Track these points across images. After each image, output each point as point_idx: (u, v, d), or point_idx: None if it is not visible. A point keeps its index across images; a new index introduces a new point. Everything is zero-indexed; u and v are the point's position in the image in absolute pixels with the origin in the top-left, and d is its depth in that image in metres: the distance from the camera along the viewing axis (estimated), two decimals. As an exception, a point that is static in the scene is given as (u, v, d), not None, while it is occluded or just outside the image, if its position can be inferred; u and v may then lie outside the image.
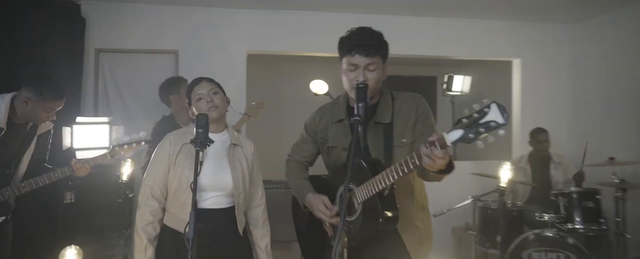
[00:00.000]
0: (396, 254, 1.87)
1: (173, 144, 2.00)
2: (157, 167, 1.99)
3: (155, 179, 1.97)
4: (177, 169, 1.95)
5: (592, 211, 3.48)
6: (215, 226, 1.92)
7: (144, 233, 1.93)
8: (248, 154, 2.08)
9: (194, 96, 2.01)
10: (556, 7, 4.27)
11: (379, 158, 1.83)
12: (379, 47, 1.87)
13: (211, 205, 1.95)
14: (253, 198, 2.11)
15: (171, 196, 1.98)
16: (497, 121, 1.35)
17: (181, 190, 1.93)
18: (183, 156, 1.96)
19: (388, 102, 1.92)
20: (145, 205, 1.96)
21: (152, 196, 1.96)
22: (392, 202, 1.74)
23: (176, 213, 1.96)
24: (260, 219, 2.13)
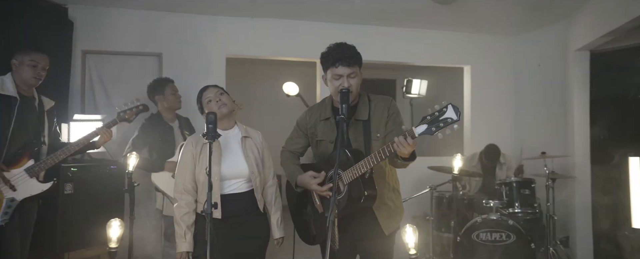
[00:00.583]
0: (371, 227, 2.28)
1: (195, 145, 2.36)
2: (185, 166, 2.34)
3: (185, 176, 2.31)
4: (202, 165, 2.30)
5: (528, 198, 4.06)
6: (240, 207, 2.31)
7: (182, 221, 2.26)
8: (257, 143, 2.45)
9: (204, 100, 2.36)
10: (500, 21, 4.87)
11: (359, 149, 2.25)
12: (356, 58, 2.27)
13: (234, 190, 2.32)
14: (266, 179, 2.47)
15: (200, 188, 2.32)
16: (453, 118, 1.84)
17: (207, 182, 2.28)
18: (204, 154, 2.31)
19: (365, 103, 2.34)
20: (180, 199, 2.31)
21: (185, 191, 2.30)
22: (371, 183, 2.17)
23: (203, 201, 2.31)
24: (273, 196, 2.49)
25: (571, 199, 4.43)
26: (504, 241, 3.72)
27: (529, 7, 4.35)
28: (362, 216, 2.27)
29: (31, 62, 2.61)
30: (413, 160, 2.10)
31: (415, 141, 1.90)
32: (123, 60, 4.37)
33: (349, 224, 2.26)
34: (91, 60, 4.27)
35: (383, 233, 2.29)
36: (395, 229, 2.37)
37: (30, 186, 2.60)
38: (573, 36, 4.47)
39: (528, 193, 4.06)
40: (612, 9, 3.74)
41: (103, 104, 4.26)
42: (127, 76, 4.34)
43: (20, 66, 2.60)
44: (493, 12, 4.50)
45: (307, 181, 2.26)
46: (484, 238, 3.76)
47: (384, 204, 2.32)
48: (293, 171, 2.39)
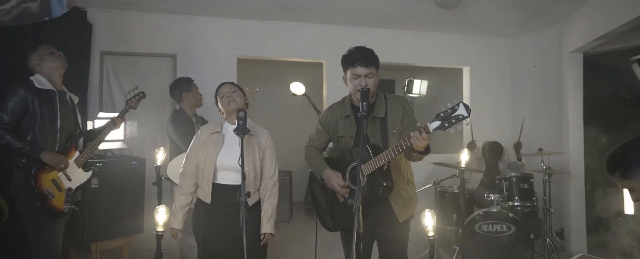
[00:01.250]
0: (387, 215, 2.48)
1: (204, 134, 2.55)
2: (192, 152, 2.54)
3: (190, 161, 2.51)
4: (203, 153, 2.48)
5: (526, 192, 4.29)
6: (228, 197, 2.38)
7: (177, 201, 2.47)
8: (262, 141, 2.57)
9: (219, 96, 2.54)
10: (498, 24, 5.11)
11: (377, 144, 2.46)
12: (373, 60, 2.46)
13: (227, 181, 2.45)
14: (264, 175, 2.58)
15: (199, 174, 2.50)
16: (464, 115, 2.04)
17: (206, 168, 2.46)
18: (208, 143, 2.50)
19: (382, 102, 2.54)
20: (181, 181, 2.52)
21: (185, 175, 2.51)
22: (389, 175, 2.38)
23: (202, 186, 2.50)
24: (266, 193, 2.56)
25: (566, 193, 4.67)
26: (505, 232, 3.94)
27: (526, 11, 4.58)
28: (379, 205, 2.47)
29: (48, 51, 2.76)
30: (427, 153, 2.30)
31: (429, 136, 2.10)
32: (139, 61, 4.55)
33: (367, 213, 2.45)
34: (108, 61, 4.43)
35: (398, 221, 2.48)
36: (409, 218, 2.57)
37: (78, 175, 2.82)
38: (567, 39, 4.71)
39: (527, 187, 4.29)
40: (604, 14, 3.98)
41: (119, 101, 4.42)
42: (143, 75, 4.51)
43: (41, 61, 2.74)
44: (491, 15, 4.72)
45: (331, 178, 2.45)
46: (485, 230, 3.99)
47: (399, 194, 2.52)
48: (318, 165, 2.58)
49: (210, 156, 2.43)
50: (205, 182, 2.47)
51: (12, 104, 2.54)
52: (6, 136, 2.50)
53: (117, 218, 3.58)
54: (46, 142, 2.65)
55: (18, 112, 2.56)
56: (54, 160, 2.64)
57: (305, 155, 2.71)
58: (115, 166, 3.62)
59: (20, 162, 2.60)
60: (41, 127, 2.63)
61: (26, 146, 2.55)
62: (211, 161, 2.43)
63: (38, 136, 2.63)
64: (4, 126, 2.51)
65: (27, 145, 2.56)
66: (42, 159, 2.59)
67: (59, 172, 2.71)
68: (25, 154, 2.57)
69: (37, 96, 2.63)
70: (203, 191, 2.49)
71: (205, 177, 2.47)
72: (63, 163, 2.68)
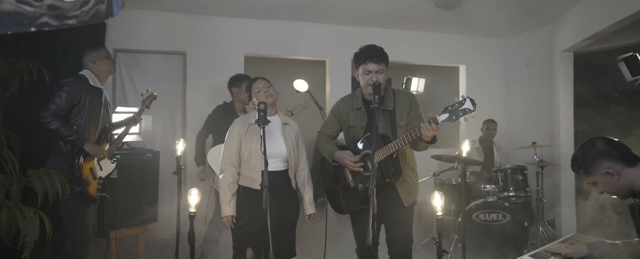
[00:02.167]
0: (393, 199, 2.69)
1: (242, 125, 2.75)
2: (232, 143, 2.72)
3: (232, 152, 2.70)
4: (247, 143, 2.69)
5: (520, 183, 4.53)
6: (276, 182, 2.66)
7: (228, 190, 2.64)
8: (294, 131, 2.84)
9: (254, 90, 2.75)
10: (493, 25, 5.34)
11: (386, 134, 2.67)
12: (384, 57, 2.68)
13: (273, 168, 2.67)
14: (299, 162, 2.85)
15: (244, 162, 2.70)
16: (470, 108, 2.26)
17: (251, 157, 2.66)
18: (250, 133, 2.70)
19: (391, 96, 2.75)
20: (226, 171, 2.69)
21: (231, 164, 2.69)
22: (397, 162, 2.60)
23: (248, 174, 2.69)
24: (305, 178, 2.86)
25: (558, 184, 4.93)
26: (500, 220, 4.18)
27: (519, 12, 4.82)
28: (386, 191, 2.68)
29: (106, 54, 3.01)
30: (434, 143, 2.51)
31: (438, 127, 2.31)
32: (150, 58, 4.71)
33: (376, 197, 2.66)
34: (121, 58, 4.60)
35: (403, 205, 2.70)
36: (413, 202, 2.78)
37: (108, 166, 3.05)
38: (558, 39, 4.96)
39: (521, 179, 4.53)
40: (593, 15, 4.24)
41: (131, 97, 4.60)
42: (154, 72, 4.69)
43: (98, 60, 2.97)
44: (487, 16, 4.96)
45: (344, 157, 2.67)
46: (482, 218, 4.23)
47: (405, 181, 2.73)
48: (331, 149, 2.79)
49: (256, 146, 2.61)
50: (253, 170, 2.65)
51: (66, 94, 2.73)
52: (56, 122, 2.68)
53: (133, 207, 3.75)
54: (89, 134, 2.86)
55: (69, 102, 2.76)
56: (96, 151, 2.85)
57: (317, 142, 2.91)
58: (132, 158, 3.80)
59: (62, 149, 2.79)
60: (87, 120, 2.84)
61: (74, 135, 2.75)
62: (258, 150, 2.59)
63: (83, 127, 2.83)
64: (55, 113, 2.69)
65: (75, 134, 2.75)
66: (85, 149, 2.79)
67: (95, 162, 2.90)
68: (70, 142, 2.76)
69: (88, 91, 2.85)
70: (249, 178, 2.67)
71: (252, 165, 2.66)
72: (103, 153, 2.90)
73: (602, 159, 1.81)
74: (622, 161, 1.80)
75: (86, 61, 2.99)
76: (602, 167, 1.81)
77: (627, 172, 1.78)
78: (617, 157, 1.81)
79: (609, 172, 1.79)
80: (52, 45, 4.00)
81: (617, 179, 1.79)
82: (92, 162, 2.89)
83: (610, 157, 1.81)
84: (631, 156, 1.83)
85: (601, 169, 1.81)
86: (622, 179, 1.79)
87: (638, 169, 1.78)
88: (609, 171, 1.79)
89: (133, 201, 3.75)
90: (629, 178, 1.78)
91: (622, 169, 1.79)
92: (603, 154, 1.82)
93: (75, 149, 2.80)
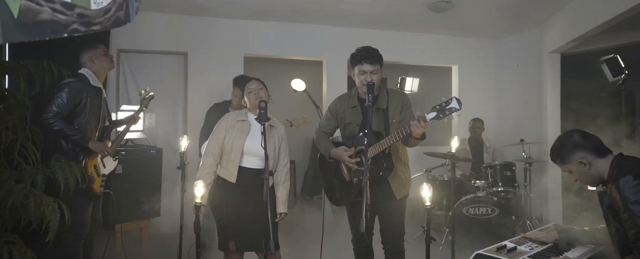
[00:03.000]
0: (386, 192, 2.85)
1: (230, 121, 2.88)
2: (217, 135, 2.85)
3: (215, 144, 2.82)
4: (230, 138, 2.81)
5: (509, 178, 4.72)
6: (252, 179, 2.75)
7: (204, 179, 2.74)
8: (279, 133, 2.95)
9: (246, 90, 2.88)
10: (485, 27, 5.53)
11: (379, 131, 2.84)
12: (378, 58, 2.83)
13: (251, 165, 2.79)
14: (278, 163, 2.94)
15: (225, 155, 2.82)
16: (456, 107, 2.44)
17: (232, 151, 2.78)
18: (235, 129, 2.83)
19: (384, 95, 2.92)
20: (205, 160, 2.83)
21: (211, 154, 2.81)
22: (389, 157, 2.77)
23: (226, 166, 2.82)
24: (282, 178, 2.94)
25: (545, 180, 5.12)
26: (489, 214, 4.37)
27: (510, 14, 5.01)
28: (379, 184, 2.84)
29: (103, 52, 3.07)
30: (423, 139, 2.68)
31: (426, 124, 2.49)
32: (153, 58, 4.86)
33: (370, 190, 2.82)
34: (125, 58, 4.75)
35: (395, 197, 2.87)
36: (405, 195, 2.95)
37: (110, 163, 3.14)
38: (546, 41, 5.16)
39: (509, 174, 4.72)
40: (577, 18, 4.43)
41: (134, 96, 4.74)
42: (156, 72, 4.84)
43: (96, 59, 3.02)
44: (478, 18, 5.14)
45: (340, 153, 2.83)
46: (472, 212, 4.41)
47: (397, 175, 2.89)
48: (327, 146, 2.96)
49: (238, 141, 2.76)
50: (231, 164, 2.79)
51: (67, 95, 2.80)
52: (59, 123, 2.76)
53: (138, 201, 3.91)
54: (91, 133, 2.95)
55: (71, 102, 2.83)
56: (100, 148, 2.93)
57: (315, 138, 3.08)
58: (136, 155, 3.96)
59: (64, 147, 2.88)
60: (88, 119, 2.92)
61: (77, 134, 2.83)
62: (239, 145, 2.75)
63: (85, 126, 2.91)
64: (58, 114, 2.77)
65: (79, 134, 2.84)
66: (90, 147, 2.88)
67: (98, 160, 3.02)
68: (74, 142, 2.84)
69: (88, 90, 2.91)
70: (227, 171, 2.81)
71: (232, 159, 2.79)
72: (107, 150, 2.99)
73: (577, 149, 2.00)
74: (594, 152, 1.98)
75: (84, 60, 3.02)
76: (576, 157, 1.99)
77: (598, 163, 1.96)
78: (590, 148, 1.99)
79: (582, 161, 1.97)
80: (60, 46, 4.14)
81: (589, 169, 1.97)
82: (96, 160, 2.99)
83: (584, 148, 1.99)
84: (603, 148, 2.01)
85: (576, 159, 1.99)
86: (593, 169, 1.97)
87: (607, 160, 1.96)
88: (582, 161, 1.97)
89: (137, 196, 3.91)
90: (599, 168, 1.96)
91: (593, 159, 1.97)
92: (578, 146, 2.00)
93: (77, 148, 2.87)
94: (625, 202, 1.79)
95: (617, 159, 1.95)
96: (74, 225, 2.90)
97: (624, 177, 1.82)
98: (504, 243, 2.18)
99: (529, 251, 2.13)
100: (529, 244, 2.24)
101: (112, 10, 1.58)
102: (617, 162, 1.94)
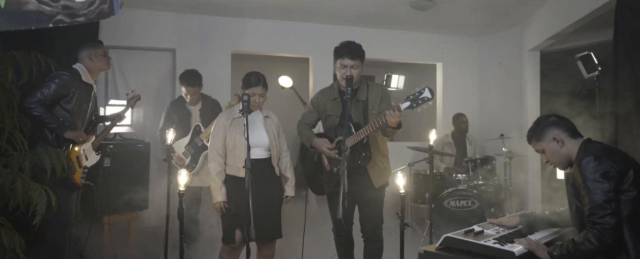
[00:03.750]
0: (365, 182, 2.97)
1: (226, 119, 2.98)
2: (218, 135, 2.95)
3: (218, 143, 2.93)
4: (231, 135, 2.93)
5: (489, 172, 4.87)
6: (261, 169, 2.90)
7: (217, 178, 2.88)
8: (275, 123, 3.09)
9: (250, 91, 2.90)
10: (468, 25, 5.66)
11: (359, 122, 2.95)
12: (360, 53, 2.95)
13: (257, 156, 2.90)
14: (281, 151, 3.09)
15: (229, 153, 2.93)
16: (428, 97, 2.56)
17: (236, 148, 2.91)
18: (233, 126, 2.94)
19: (364, 88, 3.03)
20: (214, 160, 2.93)
21: (218, 154, 2.92)
22: (368, 147, 2.88)
23: (233, 164, 2.92)
24: (288, 164, 3.11)
25: (524, 173, 5.26)
26: (470, 206, 4.51)
27: (491, 13, 5.15)
28: (358, 174, 2.95)
29: (103, 52, 3.17)
30: (399, 128, 2.79)
31: (401, 114, 2.60)
32: (141, 55, 4.94)
33: (349, 179, 2.90)
34: (114, 55, 4.80)
35: (374, 187, 2.98)
36: (384, 184, 3.06)
37: (93, 156, 3.21)
38: (526, 38, 5.30)
39: (489, 168, 4.87)
40: (555, 16, 4.57)
41: (123, 92, 4.80)
42: (145, 68, 4.93)
43: (95, 57, 3.11)
44: (461, 16, 5.27)
45: (320, 144, 2.95)
46: (453, 205, 4.54)
47: (375, 164, 3.01)
48: (309, 136, 3.07)
49: (241, 137, 2.83)
50: (238, 160, 2.88)
51: (55, 86, 2.88)
52: (39, 109, 2.83)
53: (125, 194, 3.98)
54: (74, 126, 3.02)
55: (56, 94, 2.91)
56: (74, 135, 2.98)
57: (298, 129, 3.20)
58: (124, 148, 4.03)
59: (48, 137, 2.94)
60: (74, 113, 3.00)
61: (55, 123, 2.90)
62: (243, 141, 2.80)
63: (69, 119, 2.98)
64: (40, 101, 2.84)
65: (56, 122, 2.91)
66: (65, 136, 2.94)
67: (81, 151, 3.08)
68: (52, 130, 2.92)
69: (78, 85, 2.99)
70: (234, 167, 2.91)
71: (237, 155, 2.89)
72: (81, 137, 3.01)
73: (552, 127, 2.13)
74: (567, 132, 2.12)
75: (82, 56, 3.10)
76: (551, 134, 2.12)
77: (570, 143, 2.10)
78: (564, 128, 2.13)
79: (555, 139, 2.11)
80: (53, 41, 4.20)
81: (561, 146, 2.10)
82: (79, 151, 3.05)
83: (559, 127, 2.13)
84: (575, 131, 2.15)
85: (550, 136, 2.12)
86: (564, 148, 2.10)
87: (577, 142, 2.10)
88: (556, 138, 2.11)
89: (124, 189, 3.97)
90: (569, 148, 2.09)
91: (566, 138, 2.10)
92: (553, 124, 2.14)
93: (61, 138, 2.94)
94: (584, 180, 1.92)
95: (585, 143, 2.08)
96: (58, 216, 2.94)
97: (587, 157, 1.95)
98: (472, 227, 2.29)
99: (495, 234, 2.25)
100: (496, 229, 2.35)
101: (96, 3, 1.67)
102: (585, 145, 2.07)
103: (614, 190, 1.87)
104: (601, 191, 1.87)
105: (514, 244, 2.06)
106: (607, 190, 1.87)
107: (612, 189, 1.87)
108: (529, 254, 2.03)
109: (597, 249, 1.85)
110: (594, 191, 1.88)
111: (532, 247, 2.03)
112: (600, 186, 1.88)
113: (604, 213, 1.85)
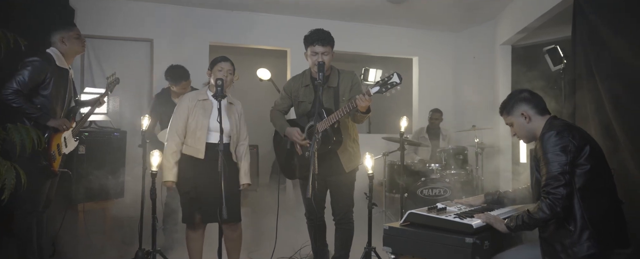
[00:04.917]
0: (336, 166, 3.05)
1: (190, 100, 3.00)
2: (180, 116, 2.97)
3: (179, 123, 2.95)
4: (194, 116, 2.94)
5: (462, 162, 5.01)
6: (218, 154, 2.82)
7: (171, 157, 2.89)
8: (238, 110, 3.11)
9: (217, 67, 2.95)
10: (443, 19, 5.79)
11: (330, 107, 3.02)
12: (330, 40, 3.02)
13: (216, 140, 2.84)
14: (240, 138, 3.12)
15: (190, 134, 2.94)
16: (397, 82, 2.65)
17: (197, 129, 2.92)
18: (197, 108, 2.96)
19: (335, 75, 3.11)
20: (171, 140, 2.95)
21: (176, 134, 2.94)
22: (338, 132, 2.96)
23: (193, 144, 2.94)
24: (244, 152, 3.11)
25: (496, 163, 5.42)
26: (442, 194, 4.63)
27: (464, 7, 5.28)
28: (330, 159, 3.04)
29: (76, 35, 3.13)
30: (369, 113, 2.88)
31: (371, 98, 2.68)
32: (118, 45, 4.93)
33: (320, 163, 2.98)
34: (90, 44, 4.80)
35: (345, 171, 3.07)
36: (354, 169, 3.14)
37: (71, 142, 3.20)
38: (498, 33, 5.46)
39: (461, 158, 5.01)
40: (523, 11, 4.72)
41: (99, 80, 4.81)
42: (121, 58, 4.92)
43: (68, 40, 3.07)
44: (436, 11, 5.39)
45: (293, 133, 3.02)
46: (426, 193, 4.67)
47: (346, 149, 3.09)
48: (283, 124, 3.13)
49: (203, 120, 2.88)
50: (198, 141, 2.91)
51: (29, 73, 2.83)
52: (18, 100, 2.79)
53: (100, 182, 3.98)
54: (54, 113, 2.99)
55: (33, 81, 2.86)
56: (59, 123, 2.97)
57: (271, 117, 3.26)
58: (100, 136, 4.04)
59: (27, 124, 2.89)
60: (52, 98, 2.96)
61: (36, 113, 2.86)
62: (205, 123, 2.86)
63: (48, 105, 2.94)
64: (17, 91, 2.80)
65: (38, 112, 2.87)
66: (49, 125, 2.92)
67: (61, 139, 3.06)
68: (34, 119, 2.87)
69: (52, 70, 2.94)
70: (194, 148, 2.93)
71: (198, 137, 2.91)
72: (66, 124, 3.02)
73: (523, 103, 2.23)
74: (536, 108, 2.21)
75: (54, 39, 3.04)
76: (520, 110, 2.22)
77: (537, 119, 2.20)
78: (533, 104, 2.22)
79: (523, 114, 2.20)
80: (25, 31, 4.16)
81: (528, 122, 2.20)
82: (60, 138, 3.03)
83: (529, 103, 2.22)
84: (544, 108, 2.25)
85: (519, 111, 2.22)
86: (531, 124, 2.20)
87: (544, 119, 2.20)
88: (524, 114, 2.20)
89: (100, 177, 3.98)
90: (536, 124, 2.20)
91: (534, 115, 2.20)
92: (524, 100, 2.23)
93: (41, 126, 2.89)
94: (544, 152, 2.04)
95: (550, 119, 2.19)
96: (27, 201, 2.93)
97: (549, 132, 2.06)
98: (435, 205, 2.39)
99: (457, 210, 2.35)
100: (459, 206, 2.46)
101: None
102: (550, 122, 2.17)
103: (569, 163, 1.99)
104: (558, 163, 1.98)
105: (474, 218, 2.16)
106: (563, 163, 1.98)
107: (568, 162, 1.99)
108: (488, 228, 2.14)
109: (549, 217, 1.96)
110: (552, 163, 2.00)
111: (490, 220, 2.14)
112: (558, 159, 1.99)
113: (558, 184, 1.96)
